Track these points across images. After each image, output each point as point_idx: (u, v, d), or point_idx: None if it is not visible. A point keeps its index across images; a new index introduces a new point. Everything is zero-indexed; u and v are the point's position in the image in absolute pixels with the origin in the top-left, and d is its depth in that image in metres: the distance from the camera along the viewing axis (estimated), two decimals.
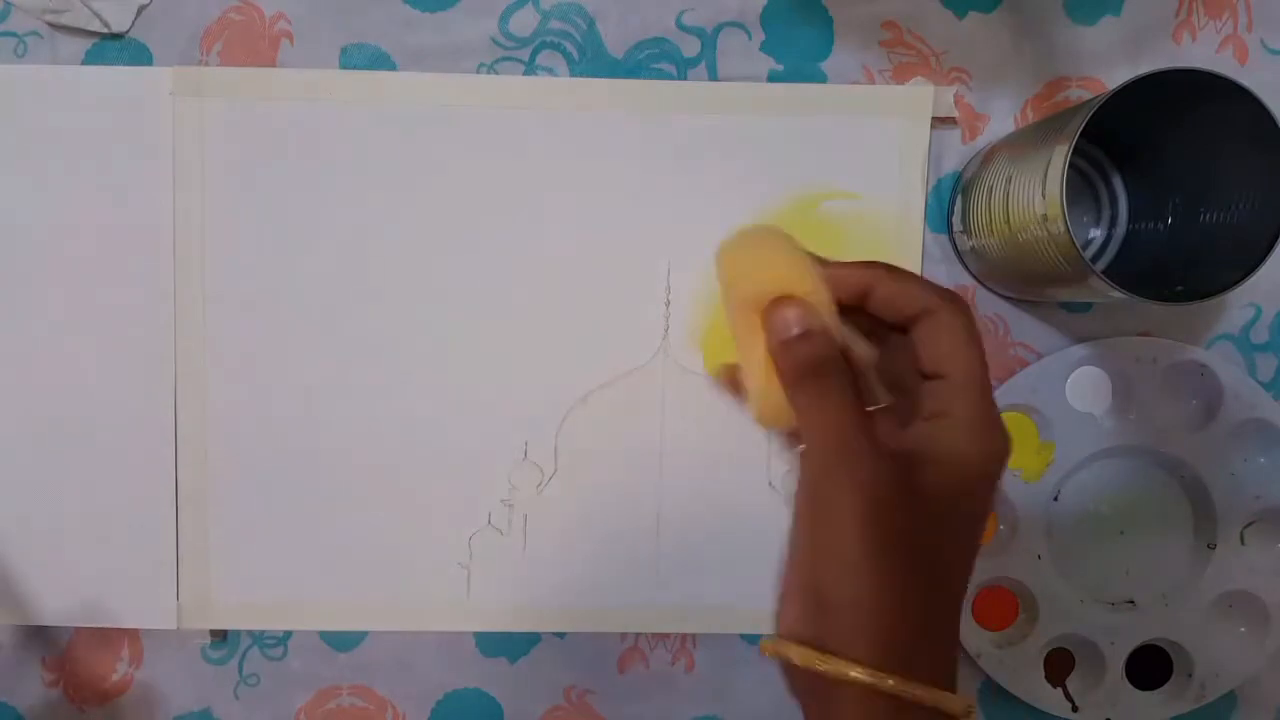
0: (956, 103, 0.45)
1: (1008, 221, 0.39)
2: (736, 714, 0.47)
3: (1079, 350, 0.45)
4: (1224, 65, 0.46)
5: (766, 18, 0.45)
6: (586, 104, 0.45)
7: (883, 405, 0.32)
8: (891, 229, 0.45)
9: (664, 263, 0.45)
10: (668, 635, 0.47)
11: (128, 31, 0.45)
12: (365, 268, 0.45)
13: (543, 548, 0.46)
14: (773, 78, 0.46)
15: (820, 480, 0.29)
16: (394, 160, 0.45)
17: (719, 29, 0.45)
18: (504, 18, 0.45)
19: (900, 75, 0.46)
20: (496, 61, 0.45)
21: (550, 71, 0.45)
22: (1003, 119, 0.46)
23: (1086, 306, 0.47)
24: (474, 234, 0.45)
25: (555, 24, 0.45)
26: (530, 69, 0.45)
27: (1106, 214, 0.46)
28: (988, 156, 0.43)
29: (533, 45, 0.45)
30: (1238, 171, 0.38)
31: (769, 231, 0.32)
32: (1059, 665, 0.46)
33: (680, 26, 0.45)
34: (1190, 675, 0.46)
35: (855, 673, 0.28)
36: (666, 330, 0.45)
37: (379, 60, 0.45)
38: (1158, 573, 0.47)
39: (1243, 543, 0.46)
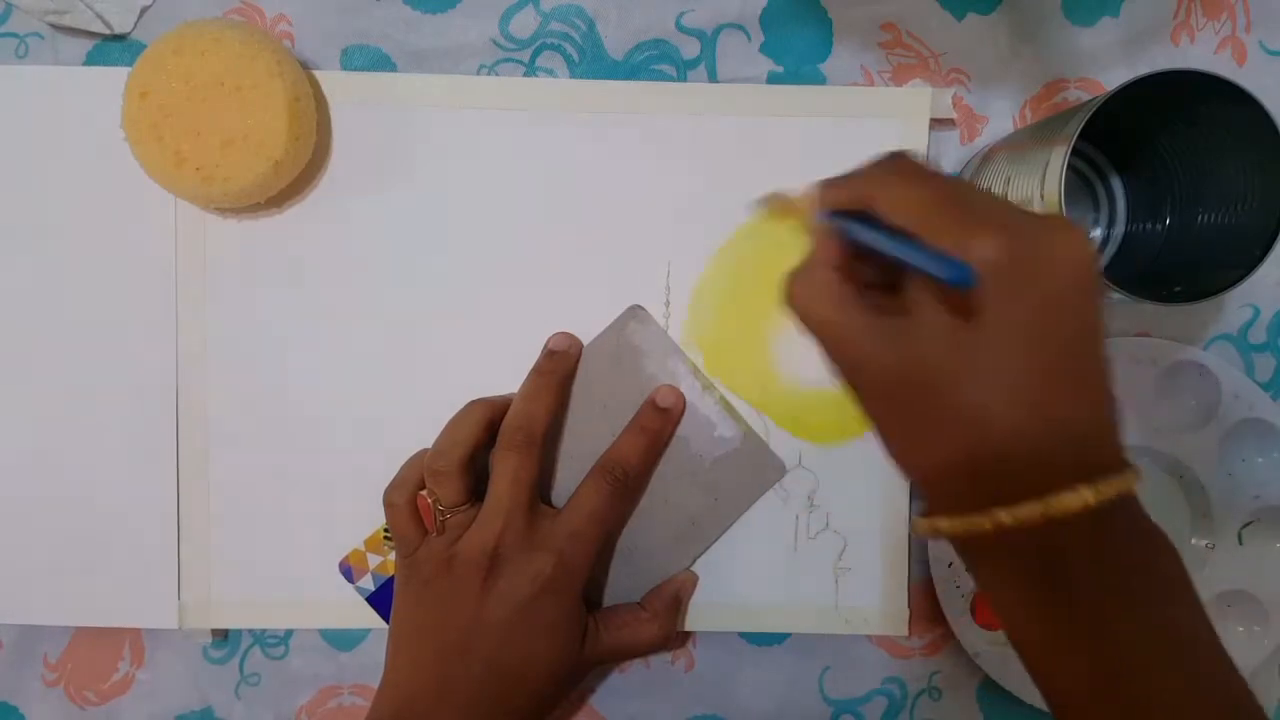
0: (955, 104, 0.46)
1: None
2: (736, 714, 0.47)
3: None
4: (1222, 66, 0.46)
5: (766, 19, 0.46)
6: (586, 105, 0.45)
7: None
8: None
9: (664, 263, 0.45)
10: None
11: (130, 33, 0.45)
12: (364, 268, 0.45)
13: None
14: (772, 79, 0.46)
15: (826, 358, 0.30)
16: (393, 161, 0.45)
17: (719, 30, 0.45)
18: (504, 19, 0.45)
19: (899, 76, 0.46)
20: (497, 63, 0.45)
21: (550, 73, 0.46)
22: (1001, 120, 0.46)
23: None
24: (473, 235, 0.45)
25: (555, 25, 0.45)
26: (530, 70, 0.46)
27: (1105, 215, 0.46)
28: (986, 157, 0.43)
29: (533, 47, 0.45)
30: (1236, 172, 0.39)
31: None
32: None
33: (680, 28, 0.45)
34: None
35: (944, 524, 0.29)
36: (666, 330, 0.45)
37: (379, 61, 0.45)
38: None
39: (1241, 542, 0.46)
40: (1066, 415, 0.27)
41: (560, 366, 0.43)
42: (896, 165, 0.30)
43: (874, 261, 0.31)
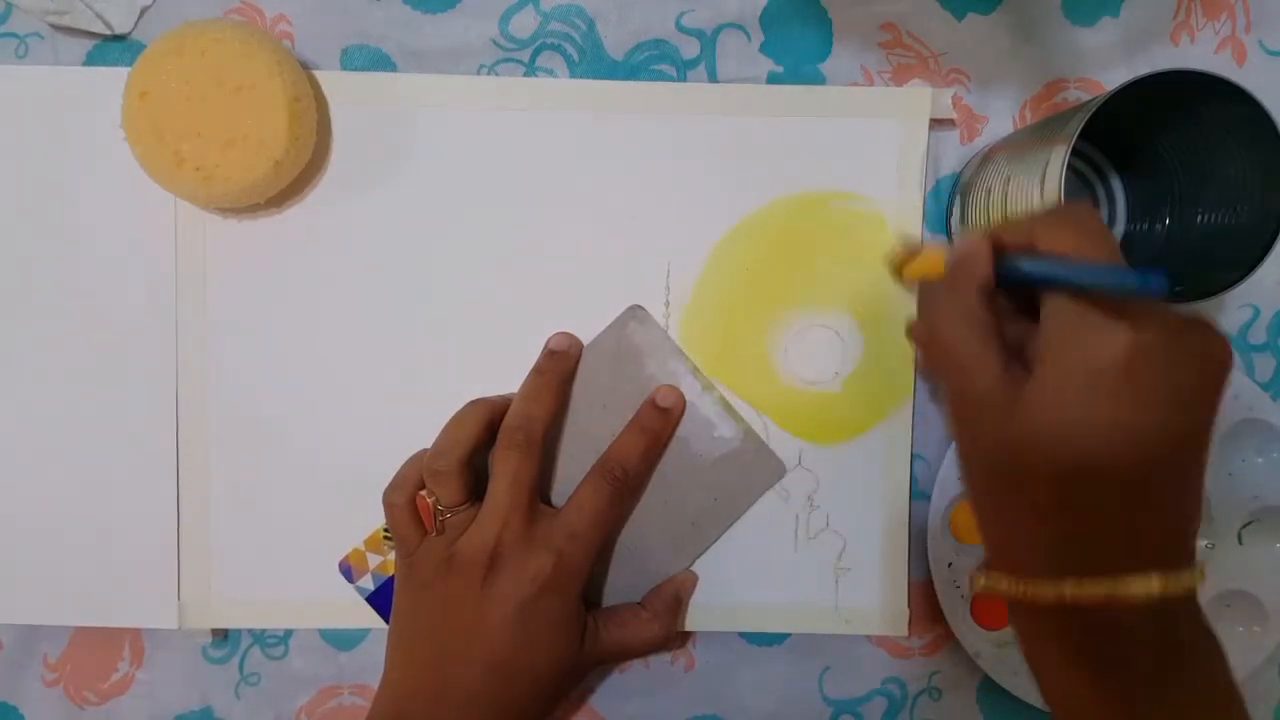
0: (955, 104, 0.46)
1: (1006, 222, 0.40)
2: (736, 714, 0.47)
3: None
4: (1222, 66, 0.46)
5: (766, 19, 0.46)
6: (586, 105, 0.45)
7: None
8: (890, 230, 0.45)
9: (664, 263, 0.45)
10: None
11: (130, 33, 0.45)
12: (364, 268, 0.45)
13: None
14: (772, 79, 0.46)
15: (938, 377, 0.31)
16: (393, 161, 0.45)
17: (718, 30, 0.45)
18: (504, 19, 0.45)
19: (899, 76, 0.46)
20: (497, 63, 0.45)
21: (550, 73, 0.46)
22: (1001, 120, 0.46)
23: None
24: (473, 235, 0.45)
25: (555, 25, 0.45)
26: (530, 70, 0.46)
27: (1105, 215, 0.46)
28: (986, 157, 0.43)
29: (533, 47, 0.45)
30: (1235, 172, 0.39)
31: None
32: None
33: (680, 28, 0.45)
34: None
35: (1005, 585, 0.28)
36: (666, 330, 0.45)
37: (379, 61, 0.45)
38: None
39: (1240, 542, 0.46)
40: (1161, 505, 0.27)
41: (560, 366, 0.43)
42: (1070, 212, 0.30)
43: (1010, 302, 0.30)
